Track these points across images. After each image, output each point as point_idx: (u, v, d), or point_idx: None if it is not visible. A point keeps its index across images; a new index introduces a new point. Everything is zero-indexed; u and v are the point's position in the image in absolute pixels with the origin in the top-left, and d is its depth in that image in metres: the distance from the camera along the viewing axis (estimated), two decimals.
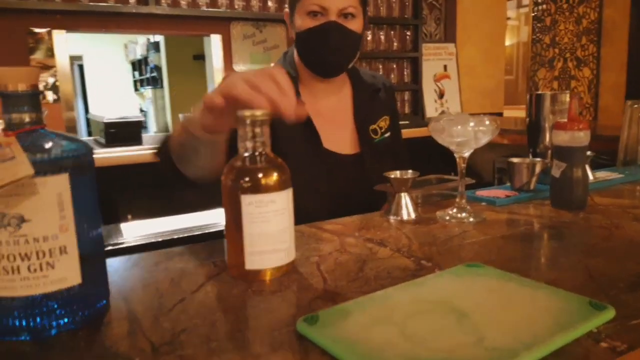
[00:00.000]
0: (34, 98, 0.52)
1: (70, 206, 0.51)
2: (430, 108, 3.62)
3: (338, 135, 1.21)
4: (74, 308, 0.53)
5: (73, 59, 6.68)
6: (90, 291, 0.54)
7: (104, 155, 2.05)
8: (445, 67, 3.68)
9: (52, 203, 0.50)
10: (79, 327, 0.53)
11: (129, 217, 2.11)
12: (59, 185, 0.50)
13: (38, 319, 0.51)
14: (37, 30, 2.33)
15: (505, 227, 0.88)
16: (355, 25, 1.11)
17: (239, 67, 2.85)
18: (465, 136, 0.88)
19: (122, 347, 0.49)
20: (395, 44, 3.44)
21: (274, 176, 0.64)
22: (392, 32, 3.41)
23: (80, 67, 6.54)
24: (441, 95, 3.69)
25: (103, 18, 2.45)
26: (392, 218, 0.94)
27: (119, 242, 1.95)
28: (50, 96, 2.39)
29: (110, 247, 1.88)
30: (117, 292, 0.62)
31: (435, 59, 3.63)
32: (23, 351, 0.49)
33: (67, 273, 0.51)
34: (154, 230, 2.04)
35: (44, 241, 0.50)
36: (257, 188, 0.63)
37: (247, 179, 0.63)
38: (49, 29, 2.35)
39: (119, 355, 0.47)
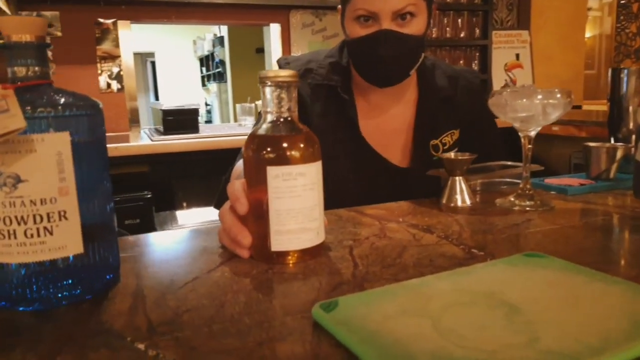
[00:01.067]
0: (39, 50, 0.48)
1: (72, 168, 0.47)
2: None
3: (390, 140, 1.05)
4: (75, 280, 0.48)
5: (145, 55, 6.98)
6: (95, 263, 0.50)
7: (161, 142, 2.07)
8: (517, 55, 3.45)
9: (50, 163, 0.46)
10: (81, 300, 0.49)
11: (184, 204, 2.12)
12: (59, 143, 0.46)
13: (35, 289, 0.47)
14: (103, 21, 2.40)
15: (577, 217, 0.75)
16: (416, 26, 0.93)
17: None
18: (531, 111, 0.76)
19: (117, 324, 0.44)
20: (462, 31, 3.26)
21: (304, 146, 0.57)
22: (459, 19, 3.24)
23: (153, 63, 6.81)
24: (513, 85, 3.47)
25: (165, 8, 2.49)
26: (444, 204, 0.84)
27: (173, 229, 1.96)
28: (114, 85, 2.47)
29: None
30: (131, 267, 0.58)
31: (506, 47, 3.42)
32: (19, 320, 0.45)
33: (67, 241, 0.47)
34: (209, 217, 2.04)
35: (42, 204, 0.46)
36: (284, 159, 0.56)
37: (273, 148, 0.56)
38: (114, 19, 2.42)
39: (110, 332, 0.42)
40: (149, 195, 1.96)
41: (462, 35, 3.29)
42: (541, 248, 0.61)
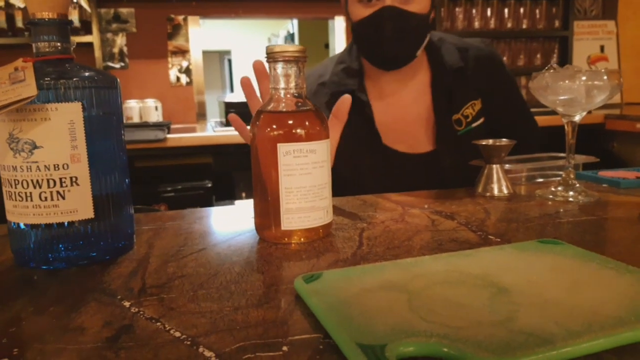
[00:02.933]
0: (61, 27, 0.52)
1: (83, 137, 0.50)
2: None
3: (411, 132, 1.03)
4: (87, 243, 0.52)
5: (222, 53, 7.25)
6: (106, 229, 0.53)
7: (222, 134, 2.15)
8: (602, 47, 3.21)
9: (63, 130, 0.49)
10: (91, 263, 0.52)
11: (243, 194, 2.19)
12: (71, 113, 0.49)
13: (50, 251, 0.51)
14: (174, 16, 2.52)
15: (619, 210, 0.69)
16: (420, 4, 0.92)
17: None
18: (574, 93, 0.71)
19: (114, 284, 0.46)
20: (540, 21, 3.08)
21: (314, 123, 0.56)
22: (536, 9, 3.06)
23: (230, 61, 7.07)
24: None
25: (233, 4, 2.57)
26: (480, 193, 0.80)
27: None
28: (183, 79, 2.59)
29: None
30: (147, 238, 0.61)
31: (589, 39, 3.19)
32: (31, 277, 0.49)
33: (77, 205, 0.50)
34: None
35: (55, 169, 0.49)
36: (296, 135, 0.55)
37: (283, 125, 0.56)
38: (185, 15, 2.53)
39: (105, 290, 0.45)
40: (209, 185, 2.04)
41: (540, 26, 3.11)
42: (565, 237, 0.56)
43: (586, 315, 0.34)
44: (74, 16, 2.36)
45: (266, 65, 0.59)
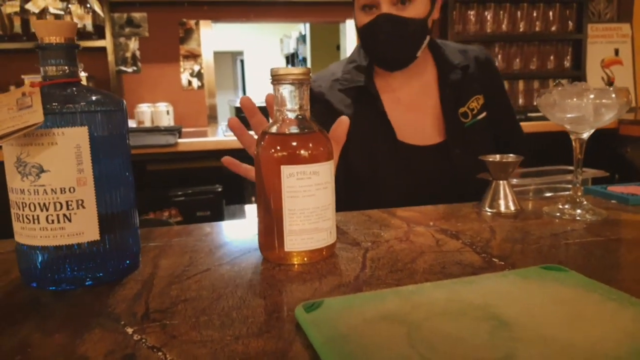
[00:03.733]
0: (68, 51, 0.53)
1: (89, 161, 0.51)
2: None
3: (421, 124, 1.07)
4: (93, 265, 0.52)
5: (235, 54, 7.28)
6: (112, 250, 0.53)
7: (233, 138, 2.15)
8: (616, 51, 3.17)
9: (69, 154, 0.50)
10: (97, 284, 0.52)
11: (253, 198, 2.19)
12: (77, 137, 0.50)
13: (57, 272, 0.51)
14: (186, 20, 2.54)
15: (627, 230, 0.68)
16: (415, 9, 0.97)
17: None
18: (581, 111, 0.70)
19: (119, 308, 0.47)
20: (554, 24, 3.05)
21: (317, 145, 0.56)
22: (550, 12, 3.03)
23: (242, 62, 7.09)
24: (610, 83, 3.19)
25: (245, 8, 2.58)
26: (486, 210, 0.79)
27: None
28: (195, 83, 2.61)
29: None
30: (153, 256, 0.61)
31: (603, 42, 3.15)
32: (39, 298, 0.50)
33: (84, 228, 0.51)
34: None
35: (62, 193, 0.50)
36: (298, 158, 0.55)
37: (286, 147, 0.56)
38: (197, 19, 2.55)
39: (110, 315, 0.45)
40: (219, 189, 2.05)
41: (553, 29, 3.08)
42: (571, 261, 0.56)
43: (585, 354, 0.33)
44: (87, 21, 2.39)
45: (254, 100, 0.61)
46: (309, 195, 0.56)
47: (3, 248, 0.66)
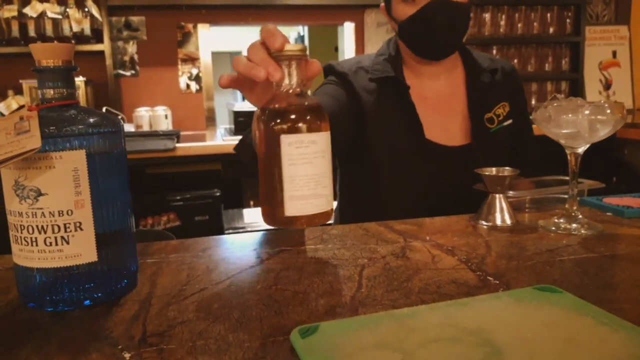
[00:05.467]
0: (65, 74, 0.53)
1: (87, 183, 0.51)
2: (593, 100, 3.15)
3: (446, 123, 1.09)
4: (91, 286, 0.53)
5: (233, 54, 7.27)
6: (109, 270, 0.54)
7: (231, 142, 2.16)
8: (614, 53, 3.18)
9: (67, 178, 0.50)
10: (96, 304, 0.53)
11: (252, 203, 2.20)
12: (75, 161, 0.50)
13: (57, 292, 0.52)
14: (184, 24, 2.54)
15: (621, 245, 0.69)
16: None
17: None
18: (577, 127, 0.71)
19: (116, 331, 0.47)
20: (551, 26, 3.05)
21: (314, 116, 0.59)
22: (548, 14, 3.03)
23: None
24: (608, 85, 3.20)
25: (243, 11, 2.58)
26: (482, 223, 0.80)
27: (239, 226, 2.04)
28: (193, 86, 2.61)
29: (230, 231, 1.98)
30: (151, 274, 0.62)
31: (601, 44, 3.16)
32: (36, 320, 0.50)
33: (81, 250, 0.51)
34: None
35: (59, 215, 0.50)
36: (297, 128, 0.58)
37: (285, 119, 0.58)
38: (195, 23, 2.55)
39: (107, 338, 0.46)
40: (218, 193, 2.05)
41: (551, 31, 3.08)
42: (565, 280, 0.56)
43: None
44: (85, 25, 2.39)
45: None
46: (307, 162, 0.58)
47: (2, 265, 0.66)
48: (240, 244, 0.73)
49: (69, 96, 0.53)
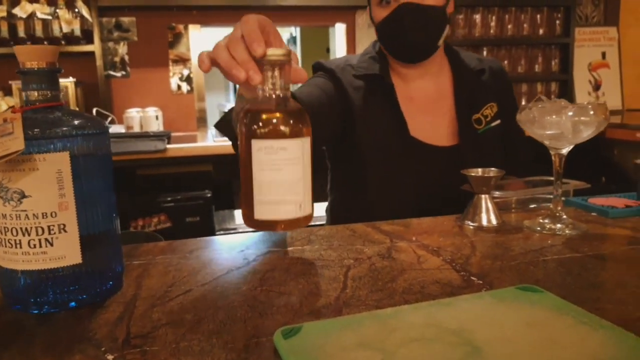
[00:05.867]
0: (49, 75, 0.53)
1: (71, 185, 0.51)
2: (583, 101, 3.18)
3: (434, 124, 1.10)
4: (75, 288, 0.53)
5: None
6: (94, 272, 0.54)
7: (220, 144, 2.16)
8: (603, 54, 3.21)
9: (50, 180, 0.50)
10: (81, 306, 0.53)
11: None
12: (58, 163, 0.50)
13: (42, 294, 0.52)
14: (175, 25, 2.54)
15: (605, 245, 0.70)
16: None
17: None
18: (560, 128, 0.71)
19: (100, 333, 0.47)
20: (541, 28, 3.07)
21: (289, 122, 0.58)
22: (538, 15, 3.05)
23: None
24: (597, 86, 3.23)
25: (234, 12, 2.58)
26: (468, 224, 0.81)
27: (231, 227, 2.04)
28: (184, 87, 2.60)
29: (221, 232, 1.97)
30: (137, 275, 0.62)
31: (590, 45, 3.18)
32: (21, 322, 0.50)
33: (66, 252, 0.51)
34: None
35: (43, 218, 0.50)
36: (268, 133, 0.58)
37: (259, 123, 0.58)
38: (186, 24, 2.54)
39: (91, 340, 0.46)
40: (209, 195, 2.05)
41: (540, 32, 3.10)
42: (548, 279, 0.57)
43: None
44: (76, 25, 2.38)
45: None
46: (276, 169, 0.58)
47: None
48: (229, 246, 0.74)
49: (53, 98, 0.53)
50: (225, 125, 0.86)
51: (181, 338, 0.46)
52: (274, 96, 0.59)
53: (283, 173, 0.58)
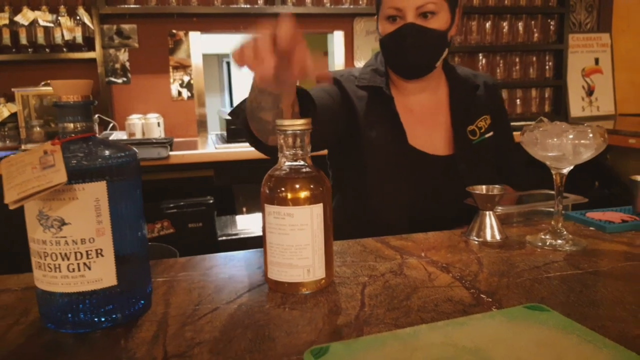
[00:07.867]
0: (84, 108, 0.56)
1: (107, 212, 0.54)
2: (576, 106, 3.24)
3: (431, 135, 1.15)
4: (110, 308, 0.56)
5: (222, 56, 7.28)
6: (128, 293, 0.57)
7: (223, 150, 2.19)
8: (596, 60, 3.26)
9: (89, 208, 0.53)
10: (115, 325, 0.56)
11: (244, 209, 2.23)
12: (97, 191, 0.53)
13: (77, 315, 0.55)
14: (176, 32, 2.56)
15: (605, 261, 0.74)
16: (438, 22, 1.06)
17: (360, 63, 2.83)
18: (562, 150, 0.75)
19: (139, 352, 0.50)
20: (535, 35, 3.13)
21: (301, 189, 0.62)
22: (532, 22, 3.11)
23: (228, 64, 7.08)
24: (590, 92, 3.28)
25: (233, 19, 2.61)
26: (473, 239, 0.84)
27: (233, 233, 2.06)
28: (185, 93, 2.63)
29: (223, 238, 2.00)
30: (163, 293, 0.65)
31: (584, 51, 3.24)
32: (61, 342, 0.53)
33: (102, 275, 0.55)
34: None
35: (82, 243, 0.53)
36: (278, 199, 0.62)
37: (272, 188, 0.63)
38: (186, 31, 2.57)
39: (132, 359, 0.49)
40: (211, 201, 2.08)
41: (535, 39, 3.15)
42: (552, 297, 0.61)
43: None
44: (77, 33, 2.39)
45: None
46: (283, 233, 0.62)
47: (17, 284, 0.69)
48: (246, 262, 0.77)
49: (88, 129, 0.56)
50: (237, 114, 0.92)
51: (216, 357, 0.49)
52: (289, 163, 0.63)
53: (290, 238, 0.62)
